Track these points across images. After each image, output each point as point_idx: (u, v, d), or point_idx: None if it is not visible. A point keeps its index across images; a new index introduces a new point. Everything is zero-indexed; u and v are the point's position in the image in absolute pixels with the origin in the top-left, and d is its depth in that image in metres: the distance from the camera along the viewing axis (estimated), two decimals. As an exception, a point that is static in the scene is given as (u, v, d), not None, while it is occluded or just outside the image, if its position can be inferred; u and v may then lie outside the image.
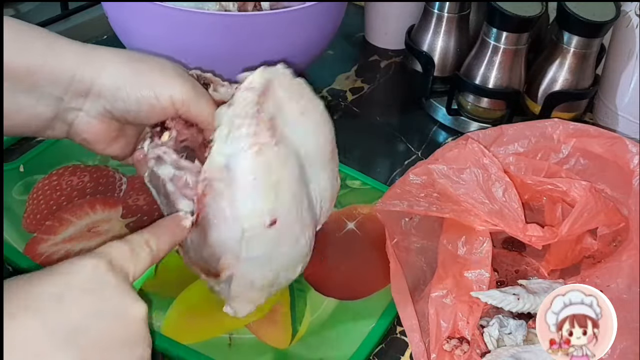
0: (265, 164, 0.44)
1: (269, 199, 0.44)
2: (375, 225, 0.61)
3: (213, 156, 0.44)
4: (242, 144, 0.43)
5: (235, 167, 0.43)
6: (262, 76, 0.45)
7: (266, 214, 0.45)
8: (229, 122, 0.44)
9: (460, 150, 0.57)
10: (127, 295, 0.36)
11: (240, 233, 0.45)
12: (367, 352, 0.53)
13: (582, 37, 0.74)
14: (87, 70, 0.44)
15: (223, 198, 0.44)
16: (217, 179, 0.44)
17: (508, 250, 0.63)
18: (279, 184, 0.45)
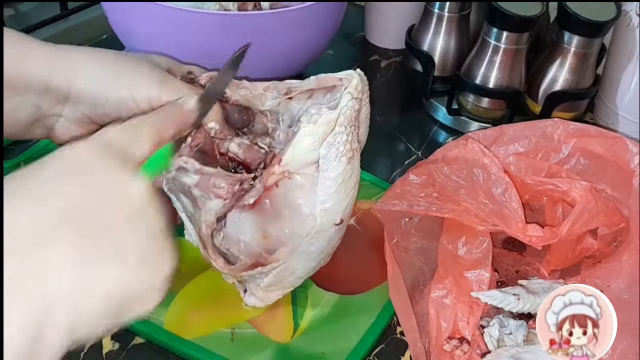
0: (352, 169, 0.46)
1: (346, 200, 0.47)
2: (375, 221, 0.61)
3: (302, 152, 0.45)
4: (340, 149, 0.45)
5: (327, 168, 0.45)
6: (363, 84, 0.48)
7: (340, 213, 0.47)
8: (330, 124, 0.45)
9: (460, 150, 0.57)
10: (124, 172, 0.33)
11: (310, 229, 0.47)
12: (368, 346, 0.54)
13: (582, 37, 0.74)
14: (62, 76, 0.43)
15: (302, 193, 0.46)
16: (302, 173, 0.46)
17: (508, 250, 0.63)
18: (355, 187, 0.48)
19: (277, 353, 0.52)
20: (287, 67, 0.79)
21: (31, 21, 0.88)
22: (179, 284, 0.56)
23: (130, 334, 0.53)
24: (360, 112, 0.49)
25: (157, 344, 0.53)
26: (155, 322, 0.53)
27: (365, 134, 0.52)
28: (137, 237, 0.32)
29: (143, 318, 0.51)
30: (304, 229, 0.47)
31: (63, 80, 0.43)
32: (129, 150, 0.35)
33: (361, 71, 0.49)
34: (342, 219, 0.48)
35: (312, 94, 0.50)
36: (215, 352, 0.51)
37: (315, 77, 0.50)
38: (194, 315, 0.54)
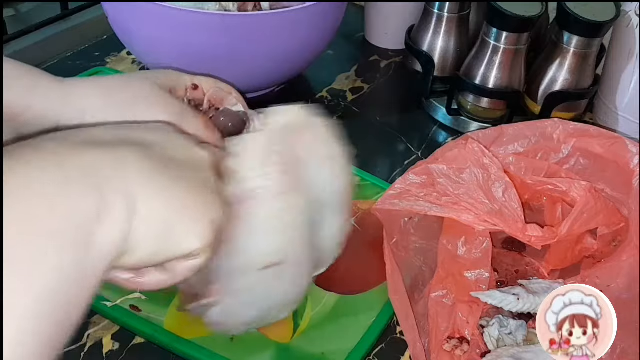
0: (286, 205, 0.44)
1: (281, 239, 0.44)
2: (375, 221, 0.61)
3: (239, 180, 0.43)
4: (270, 183, 0.43)
5: (257, 201, 0.43)
6: (299, 116, 0.46)
7: (274, 253, 0.44)
8: (263, 155, 0.44)
9: (460, 150, 0.57)
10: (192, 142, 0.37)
11: (243, 265, 0.44)
12: (368, 345, 0.54)
13: (582, 37, 0.74)
14: (71, 114, 0.43)
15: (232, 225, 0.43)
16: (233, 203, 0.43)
17: (508, 250, 0.63)
18: (293, 227, 0.45)
19: (277, 353, 0.53)
20: (287, 68, 0.79)
21: (32, 21, 0.88)
22: (179, 284, 0.56)
23: (130, 334, 0.53)
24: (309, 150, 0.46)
25: (157, 344, 0.53)
26: (155, 322, 0.53)
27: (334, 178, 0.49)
28: (197, 176, 0.34)
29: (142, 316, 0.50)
30: (234, 265, 0.44)
31: (73, 118, 0.43)
32: None
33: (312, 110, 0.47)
34: (275, 261, 0.44)
35: None
36: (215, 352, 0.51)
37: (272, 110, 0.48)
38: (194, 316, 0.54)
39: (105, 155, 0.29)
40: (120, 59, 0.88)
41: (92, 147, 0.30)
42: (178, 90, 0.48)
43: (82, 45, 0.91)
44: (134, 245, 0.30)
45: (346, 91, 0.88)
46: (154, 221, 0.30)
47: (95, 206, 0.27)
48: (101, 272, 0.28)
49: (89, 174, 0.28)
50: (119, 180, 0.29)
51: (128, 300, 0.54)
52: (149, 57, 0.78)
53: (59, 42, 0.90)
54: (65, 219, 0.26)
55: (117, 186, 0.29)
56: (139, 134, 0.33)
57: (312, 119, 0.47)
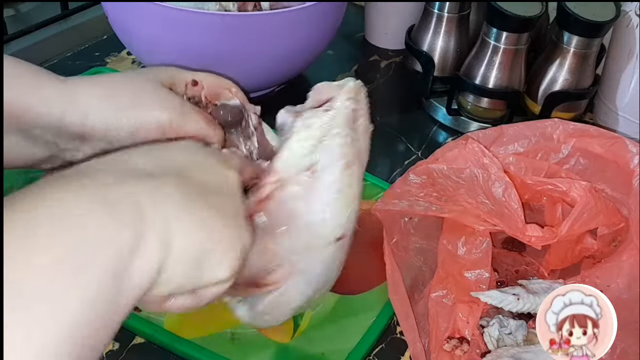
0: (350, 178, 0.43)
1: (346, 211, 0.43)
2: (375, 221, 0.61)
3: (294, 158, 0.42)
4: (336, 151, 0.42)
5: (322, 174, 0.42)
6: (359, 88, 0.45)
7: (340, 227, 0.43)
8: (325, 128, 0.43)
9: (460, 150, 0.57)
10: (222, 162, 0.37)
11: (308, 244, 0.43)
12: (368, 345, 0.54)
13: (582, 37, 0.74)
14: (74, 114, 0.43)
15: (299, 203, 0.42)
16: (294, 182, 0.42)
17: (508, 250, 0.63)
18: (355, 199, 0.44)
19: (277, 353, 0.53)
20: (287, 68, 0.79)
21: (32, 21, 0.88)
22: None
23: (130, 334, 0.53)
24: (358, 121, 0.45)
25: (157, 344, 0.53)
26: (155, 322, 0.53)
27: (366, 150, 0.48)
28: (227, 204, 0.34)
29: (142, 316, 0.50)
30: (302, 243, 0.43)
31: (75, 118, 0.43)
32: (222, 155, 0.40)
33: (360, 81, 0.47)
34: (343, 233, 0.44)
35: None
36: (215, 352, 0.51)
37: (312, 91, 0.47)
38: (194, 316, 0.54)
39: (145, 187, 0.30)
40: (120, 59, 0.88)
41: (132, 178, 0.30)
42: (178, 86, 0.49)
43: (82, 45, 0.91)
44: (167, 278, 0.30)
45: (346, 91, 0.88)
46: (188, 255, 0.31)
47: (133, 240, 0.28)
48: (132, 303, 0.28)
49: (128, 207, 0.28)
50: (157, 213, 0.29)
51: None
52: (149, 57, 0.78)
53: (59, 42, 0.90)
54: (102, 252, 0.26)
55: (154, 220, 0.29)
56: (175, 159, 0.34)
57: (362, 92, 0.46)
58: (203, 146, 0.39)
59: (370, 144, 0.49)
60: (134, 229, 0.28)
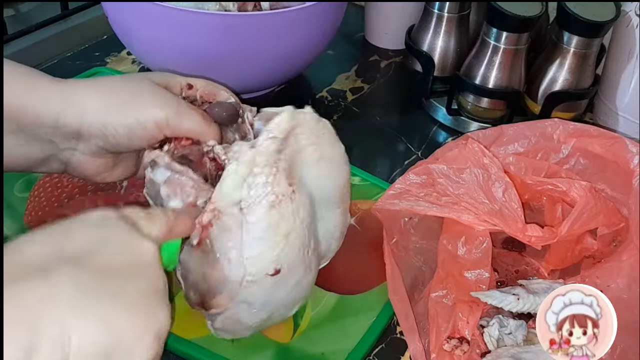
0: (278, 215, 0.43)
1: (277, 248, 0.44)
2: (375, 221, 0.61)
3: (227, 191, 0.43)
4: (259, 192, 0.43)
5: (248, 211, 0.43)
6: (289, 122, 0.45)
7: (271, 263, 0.44)
8: (249, 164, 0.43)
9: (460, 150, 0.57)
10: (135, 236, 0.35)
11: (241, 277, 0.44)
12: (368, 345, 0.54)
13: (582, 37, 0.74)
14: (71, 113, 0.44)
15: (230, 237, 0.43)
16: (228, 213, 0.43)
17: (508, 250, 0.63)
18: (289, 235, 0.44)
19: (277, 353, 0.52)
20: (287, 68, 0.79)
21: (32, 21, 0.88)
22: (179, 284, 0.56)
23: (131, 334, 0.53)
24: (301, 154, 0.45)
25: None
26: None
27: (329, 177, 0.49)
28: (136, 286, 0.33)
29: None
30: (236, 277, 0.43)
31: (72, 118, 0.44)
32: (142, 225, 0.37)
33: (309, 109, 0.46)
34: (276, 269, 0.44)
35: None
36: (215, 352, 0.51)
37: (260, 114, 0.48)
38: (194, 316, 0.54)
39: (38, 286, 0.29)
40: (120, 59, 0.88)
41: (26, 276, 0.29)
42: (173, 88, 0.49)
43: (82, 45, 0.91)
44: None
45: (346, 91, 0.88)
46: (91, 352, 0.30)
47: (28, 345, 0.27)
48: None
49: (21, 312, 0.28)
50: (51, 315, 0.29)
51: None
52: (149, 57, 0.78)
53: (59, 42, 0.90)
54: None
55: (49, 321, 0.28)
56: (77, 242, 0.33)
57: (306, 120, 0.46)
58: (116, 218, 0.36)
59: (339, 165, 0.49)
60: (29, 335, 0.27)
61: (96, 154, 0.47)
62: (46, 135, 0.44)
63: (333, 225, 0.52)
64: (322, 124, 0.47)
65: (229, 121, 0.50)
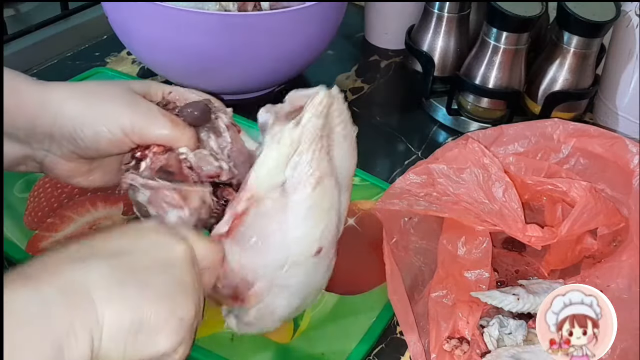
0: (322, 194, 0.43)
1: (320, 226, 0.44)
2: (375, 221, 0.62)
3: (266, 175, 0.43)
4: (304, 170, 0.43)
5: (292, 192, 0.43)
6: (328, 100, 0.45)
7: (315, 242, 0.44)
8: (294, 144, 0.43)
9: (460, 150, 0.57)
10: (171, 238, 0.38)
11: (284, 259, 0.44)
12: (368, 346, 0.54)
13: (582, 37, 0.74)
14: (45, 115, 0.45)
15: (272, 220, 0.43)
16: (268, 197, 0.43)
17: (508, 250, 0.63)
18: (330, 212, 0.45)
19: (277, 353, 0.52)
20: (287, 68, 0.79)
21: (32, 21, 0.88)
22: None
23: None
24: (333, 132, 0.46)
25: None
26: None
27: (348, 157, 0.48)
28: (163, 279, 0.36)
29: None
30: (278, 260, 0.44)
31: (47, 120, 0.45)
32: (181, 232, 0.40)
33: (337, 88, 0.46)
34: (319, 247, 0.44)
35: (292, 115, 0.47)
36: (215, 352, 0.51)
37: (288, 97, 0.47)
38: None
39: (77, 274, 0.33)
40: (120, 59, 0.88)
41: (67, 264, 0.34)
42: (154, 97, 0.49)
43: (82, 45, 0.91)
44: (105, 353, 0.33)
45: (346, 91, 0.88)
46: (120, 330, 0.33)
47: (68, 324, 0.31)
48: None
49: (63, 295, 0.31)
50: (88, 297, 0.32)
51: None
52: (149, 57, 0.78)
53: (59, 42, 0.90)
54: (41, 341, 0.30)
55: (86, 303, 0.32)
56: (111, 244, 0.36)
57: (337, 99, 0.46)
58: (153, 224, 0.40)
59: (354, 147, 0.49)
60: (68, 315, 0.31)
61: (67, 157, 0.47)
62: (23, 136, 0.45)
63: (344, 207, 0.51)
64: (346, 104, 0.48)
65: (202, 120, 0.49)
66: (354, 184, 0.68)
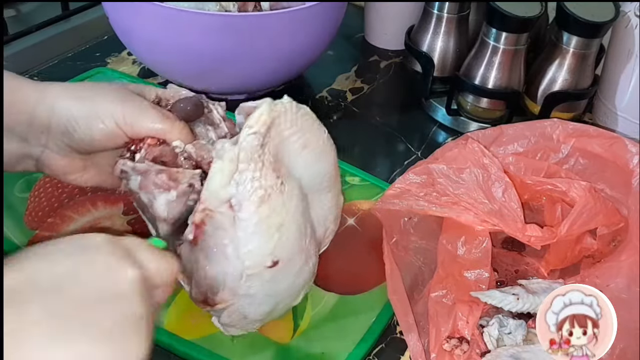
0: (269, 209, 0.43)
1: (272, 241, 0.44)
2: (375, 221, 0.62)
3: (215, 189, 0.43)
4: (247, 188, 0.43)
5: (239, 208, 0.43)
6: (269, 115, 0.44)
7: (268, 256, 0.44)
8: (234, 161, 0.43)
9: (460, 150, 0.57)
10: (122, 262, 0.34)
11: (240, 271, 0.44)
12: (368, 346, 0.54)
13: (581, 38, 0.74)
14: (42, 110, 0.46)
15: (225, 234, 0.43)
16: (219, 212, 0.43)
17: (508, 250, 0.63)
18: (282, 225, 0.44)
19: (277, 353, 0.52)
20: (288, 68, 0.79)
21: (32, 22, 0.88)
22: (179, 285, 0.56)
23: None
24: (284, 143, 0.45)
25: (157, 344, 0.53)
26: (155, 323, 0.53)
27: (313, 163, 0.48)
28: (112, 314, 0.32)
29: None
30: (234, 271, 0.44)
31: (44, 112, 0.46)
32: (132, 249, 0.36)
33: (286, 98, 0.46)
34: (274, 260, 0.44)
35: None
36: (215, 352, 0.51)
37: (240, 106, 0.48)
38: (194, 316, 0.54)
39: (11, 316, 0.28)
40: (121, 59, 0.88)
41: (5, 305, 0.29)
42: (146, 96, 0.50)
43: (83, 45, 0.91)
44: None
45: (346, 91, 0.88)
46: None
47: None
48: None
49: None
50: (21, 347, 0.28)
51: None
52: (149, 58, 0.78)
53: (59, 43, 0.90)
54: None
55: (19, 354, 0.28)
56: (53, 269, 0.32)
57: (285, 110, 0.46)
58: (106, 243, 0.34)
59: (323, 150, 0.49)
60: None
61: (63, 152, 0.48)
62: (22, 132, 0.46)
63: (327, 209, 0.52)
64: (301, 112, 0.47)
65: (195, 114, 0.50)
66: (353, 184, 0.69)
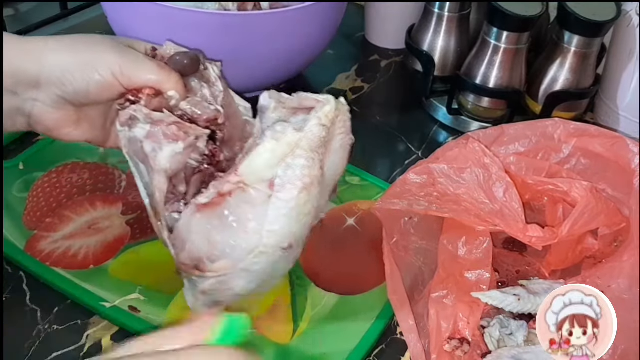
0: (308, 195, 0.44)
1: (297, 226, 0.45)
2: (375, 221, 0.61)
3: (258, 167, 0.44)
4: (296, 173, 0.44)
5: (280, 189, 0.44)
6: (335, 112, 0.46)
7: (288, 238, 0.45)
8: (292, 146, 0.44)
9: (461, 150, 0.57)
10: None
11: (254, 247, 0.45)
12: (368, 346, 0.53)
13: (582, 37, 0.74)
14: (31, 62, 0.46)
15: (252, 209, 0.44)
16: (255, 188, 0.44)
17: (509, 250, 0.63)
18: (308, 215, 0.46)
19: (277, 354, 0.52)
20: (287, 68, 0.79)
21: (31, 21, 0.88)
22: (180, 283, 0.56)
23: (130, 334, 0.53)
24: (332, 141, 0.47)
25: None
26: (155, 323, 0.53)
27: (340, 166, 0.50)
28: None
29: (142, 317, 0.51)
30: (249, 246, 0.45)
31: (31, 65, 0.46)
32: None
33: (344, 100, 0.48)
34: (290, 244, 0.46)
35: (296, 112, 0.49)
36: (215, 352, 0.51)
37: (297, 96, 0.49)
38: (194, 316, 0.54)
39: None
40: (120, 58, 0.88)
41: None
42: (137, 49, 0.50)
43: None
44: None
45: (346, 91, 0.88)
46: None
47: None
48: None
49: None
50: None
51: (127, 301, 0.54)
52: (149, 57, 0.78)
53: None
54: None
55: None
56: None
57: (344, 110, 0.48)
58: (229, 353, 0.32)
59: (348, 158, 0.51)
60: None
61: (56, 105, 0.48)
62: (9, 85, 0.46)
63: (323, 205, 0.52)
64: (349, 116, 0.49)
65: (191, 69, 0.50)
66: (353, 184, 0.69)
